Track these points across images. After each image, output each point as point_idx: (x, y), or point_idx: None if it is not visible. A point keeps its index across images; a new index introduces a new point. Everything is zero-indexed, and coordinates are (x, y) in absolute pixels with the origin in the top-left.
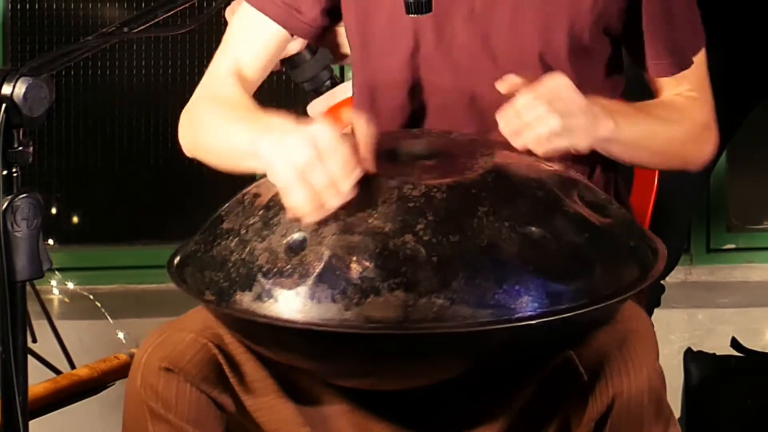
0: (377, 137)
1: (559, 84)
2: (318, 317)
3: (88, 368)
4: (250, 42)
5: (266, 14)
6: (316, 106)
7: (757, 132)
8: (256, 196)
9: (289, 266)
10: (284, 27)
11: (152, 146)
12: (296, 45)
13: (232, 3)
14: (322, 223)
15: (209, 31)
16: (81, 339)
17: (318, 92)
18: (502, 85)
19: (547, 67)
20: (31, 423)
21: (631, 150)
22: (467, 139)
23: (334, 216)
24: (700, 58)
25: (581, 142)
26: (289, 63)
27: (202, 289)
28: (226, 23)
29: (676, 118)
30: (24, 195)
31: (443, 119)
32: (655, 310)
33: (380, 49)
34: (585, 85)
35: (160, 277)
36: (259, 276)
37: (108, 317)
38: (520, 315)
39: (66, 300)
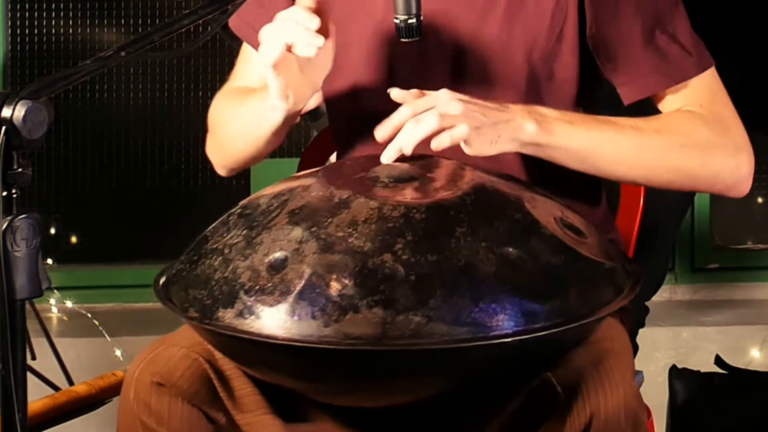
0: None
1: (441, 93)
2: (298, 333)
3: (86, 385)
4: (247, 73)
5: (247, 42)
6: None
7: None
8: (241, 216)
9: (270, 284)
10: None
11: (149, 167)
12: (314, 100)
13: None
14: (303, 241)
15: (205, 55)
16: (79, 356)
17: None
18: (397, 94)
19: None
20: None
21: (583, 158)
22: (448, 162)
23: (315, 235)
24: (703, 79)
25: (493, 144)
26: (309, 116)
27: (186, 307)
28: (221, 47)
29: (654, 127)
30: (23, 215)
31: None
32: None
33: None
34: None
35: None
36: (241, 293)
37: (106, 335)
38: (495, 333)
39: (64, 318)
